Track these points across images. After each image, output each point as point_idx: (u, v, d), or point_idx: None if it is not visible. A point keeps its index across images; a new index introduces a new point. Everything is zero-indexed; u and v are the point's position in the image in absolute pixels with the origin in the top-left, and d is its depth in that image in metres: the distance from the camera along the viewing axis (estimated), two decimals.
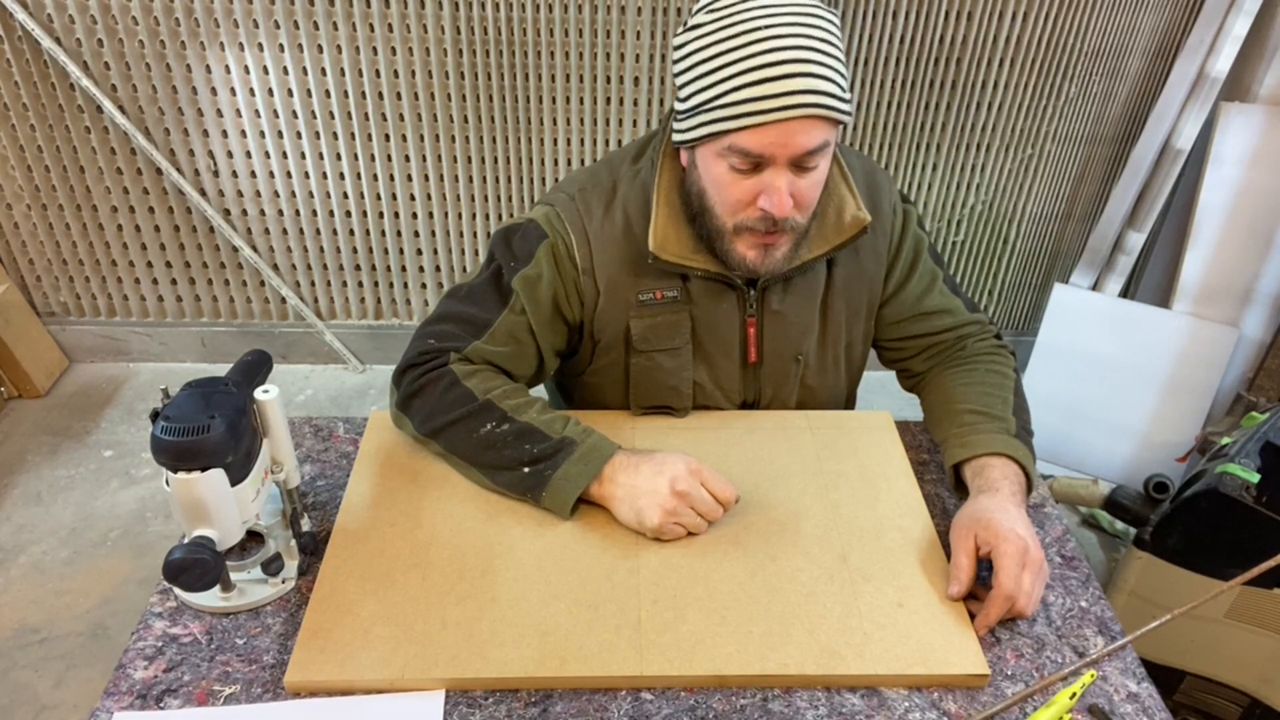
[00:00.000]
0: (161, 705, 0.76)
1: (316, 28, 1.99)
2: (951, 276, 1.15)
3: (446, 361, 0.99)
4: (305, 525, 0.92)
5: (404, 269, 2.38)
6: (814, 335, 1.10)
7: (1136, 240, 2.18)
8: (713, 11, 0.89)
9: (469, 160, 2.20)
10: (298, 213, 2.26)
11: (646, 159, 1.03)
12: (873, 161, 1.12)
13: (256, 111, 2.09)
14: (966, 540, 0.87)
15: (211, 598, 0.84)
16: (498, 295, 1.02)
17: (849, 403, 1.25)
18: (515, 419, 0.95)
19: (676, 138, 0.96)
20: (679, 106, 0.94)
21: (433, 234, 2.32)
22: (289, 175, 2.19)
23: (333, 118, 2.11)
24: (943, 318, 1.12)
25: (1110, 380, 2.16)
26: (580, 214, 1.02)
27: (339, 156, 2.17)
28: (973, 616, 0.84)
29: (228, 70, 2.03)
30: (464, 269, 2.38)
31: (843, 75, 0.89)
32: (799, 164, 0.90)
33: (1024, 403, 1.05)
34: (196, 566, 0.75)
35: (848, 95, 0.90)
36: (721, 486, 0.91)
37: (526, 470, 0.93)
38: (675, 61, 0.93)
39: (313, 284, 2.39)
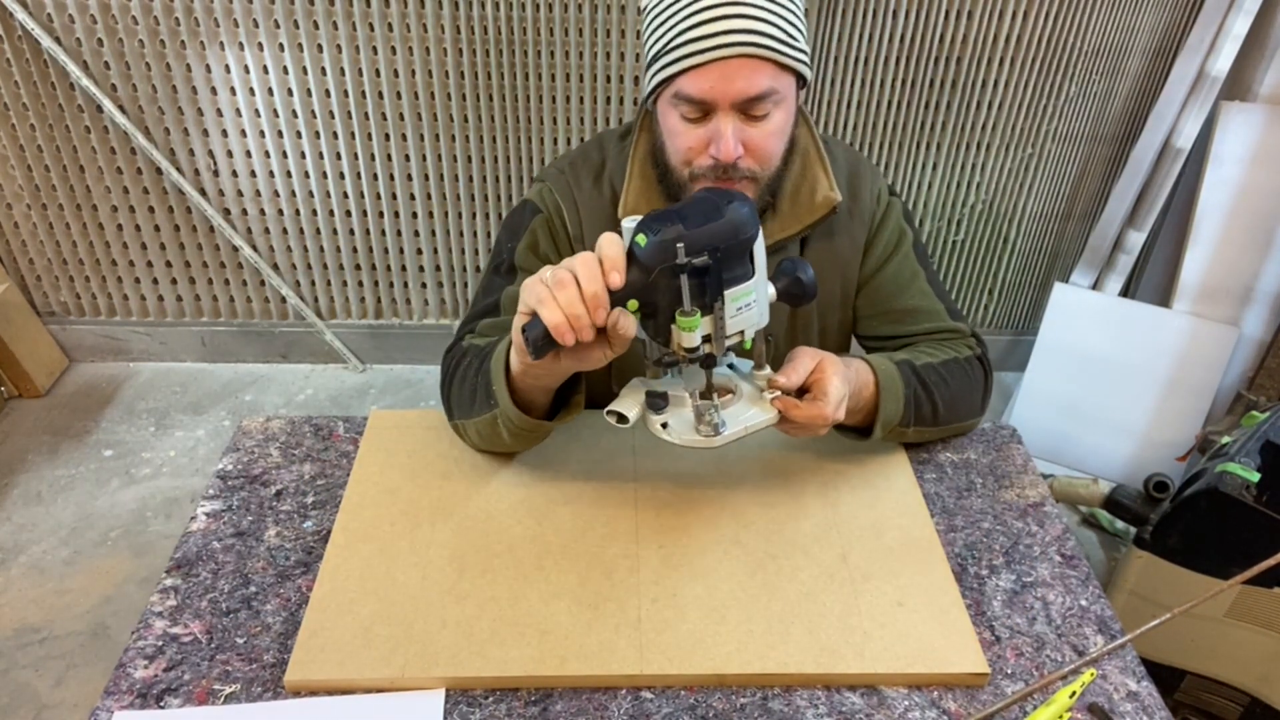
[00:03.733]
0: (162, 704, 0.76)
1: (316, 28, 1.99)
2: (940, 282, 1.13)
3: (462, 349, 1.02)
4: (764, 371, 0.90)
5: (404, 269, 2.38)
6: (784, 316, 1.10)
7: (1137, 239, 2.18)
8: None
9: (469, 160, 2.20)
10: (298, 213, 2.26)
11: (631, 135, 1.06)
12: (860, 154, 1.13)
13: (256, 111, 2.09)
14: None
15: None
16: (504, 277, 1.07)
17: None
18: (481, 348, 0.98)
19: (644, 100, 0.99)
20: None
21: (433, 234, 2.32)
22: (289, 175, 2.20)
23: (333, 118, 2.11)
24: (919, 320, 1.10)
25: (1110, 380, 2.16)
26: (570, 186, 1.06)
27: (339, 156, 2.17)
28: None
29: (228, 70, 2.03)
30: (464, 268, 2.38)
31: (790, 23, 0.90)
32: (746, 111, 0.91)
33: (947, 374, 1.02)
34: (807, 280, 0.83)
35: (798, 43, 0.91)
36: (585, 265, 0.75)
37: (480, 375, 0.93)
38: (640, 24, 0.96)
39: (313, 284, 2.39)
